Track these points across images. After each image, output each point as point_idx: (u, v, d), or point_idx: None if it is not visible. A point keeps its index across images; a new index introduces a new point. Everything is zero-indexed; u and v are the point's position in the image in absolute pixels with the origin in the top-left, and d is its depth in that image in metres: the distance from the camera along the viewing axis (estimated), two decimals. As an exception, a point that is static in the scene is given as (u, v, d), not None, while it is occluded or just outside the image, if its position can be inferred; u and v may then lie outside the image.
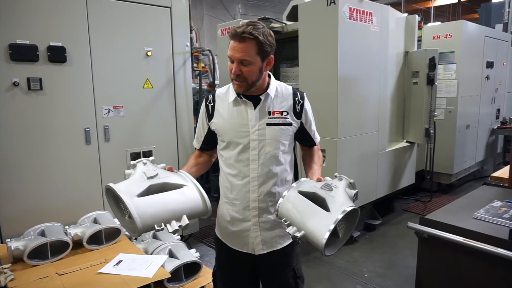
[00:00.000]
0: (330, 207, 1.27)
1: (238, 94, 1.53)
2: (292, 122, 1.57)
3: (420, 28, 4.71)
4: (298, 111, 1.59)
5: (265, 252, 1.61)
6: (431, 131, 4.23)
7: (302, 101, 1.60)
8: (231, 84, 1.58)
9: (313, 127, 1.69)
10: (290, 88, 1.63)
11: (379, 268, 3.30)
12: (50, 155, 2.65)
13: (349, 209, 1.24)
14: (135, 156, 3.05)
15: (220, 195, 1.68)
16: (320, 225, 1.22)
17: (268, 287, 1.74)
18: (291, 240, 1.66)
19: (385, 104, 4.01)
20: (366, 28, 3.55)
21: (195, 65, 3.69)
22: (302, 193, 1.35)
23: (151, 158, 1.41)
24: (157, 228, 1.22)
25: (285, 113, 1.55)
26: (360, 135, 3.68)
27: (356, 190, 1.37)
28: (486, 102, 5.63)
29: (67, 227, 2.43)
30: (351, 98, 3.51)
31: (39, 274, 2.03)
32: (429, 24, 5.49)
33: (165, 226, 1.24)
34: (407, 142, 4.45)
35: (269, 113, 1.53)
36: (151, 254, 2.30)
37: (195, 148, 1.74)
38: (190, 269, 2.22)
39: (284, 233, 1.62)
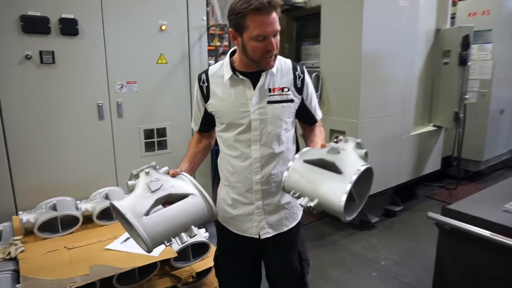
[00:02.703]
0: (342, 169, 1.17)
1: (234, 71, 1.42)
2: (294, 98, 1.47)
3: (454, 4, 4.38)
4: (299, 86, 1.48)
5: (271, 235, 1.53)
6: (461, 115, 3.97)
7: (302, 75, 1.49)
8: (223, 61, 1.48)
9: (314, 102, 1.57)
10: (289, 61, 1.51)
11: (397, 256, 3.18)
12: (63, 129, 2.63)
13: (363, 167, 1.15)
14: (149, 133, 3.01)
15: (220, 177, 1.60)
16: (334, 189, 1.13)
17: (273, 271, 1.67)
18: (296, 222, 1.59)
19: (411, 85, 3.79)
20: (394, 3, 3.32)
21: (211, 45, 3.53)
22: (308, 161, 1.26)
23: (153, 163, 1.35)
24: (166, 244, 1.23)
25: (286, 89, 1.45)
26: (383, 117, 3.50)
27: (365, 149, 1.27)
28: (524, 86, 5.23)
29: (78, 201, 2.43)
30: (375, 77, 3.32)
31: (49, 247, 2.04)
32: (465, 0, 5.10)
33: (175, 239, 1.25)
34: (433, 126, 4.21)
35: (269, 90, 1.43)
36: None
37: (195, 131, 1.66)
38: (199, 249, 2.19)
39: (290, 214, 1.56)
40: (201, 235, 2.24)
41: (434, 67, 4.05)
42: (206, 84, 1.49)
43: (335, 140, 1.33)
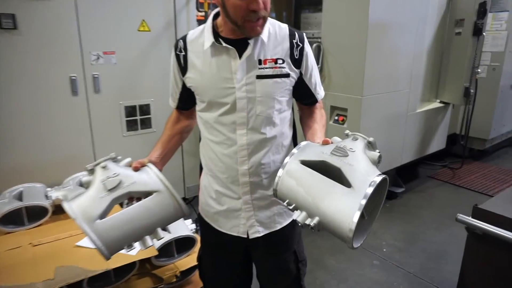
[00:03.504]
0: (351, 179, 0.92)
1: (216, 38, 1.14)
2: (290, 72, 1.20)
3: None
4: (296, 57, 1.20)
5: (261, 235, 1.30)
6: (472, 91, 3.69)
7: (301, 44, 1.21)
8: (205, 25, 1.20)
9: (314, 78, 1.29)
10: (285, 27, 1.22)
11: (400, 242, 2.99)
12: (31, 107, 2.32)
13: (378, 179, 0.91)
14: (131, 110, 2.71)
15: (202, 166, 1.35)
16: (341, 206, 0.90)
17: (264, 273, 1.45)
18: (292, 218, 1.35)
19: (420, 58, 3.48)
20: (406, -36, 2.97)
21: (200, 10, 3.14)
22: (306, 163, 1.00)
23: (112, 154, 1.15)
24: (127, 250, 1.06)
25: (280, 61, 1.17)
26: (389, 93, 3.22)
27: (378, 151, 1.02)
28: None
29: (49, 189, 2.17)
30: (382, 50, 3.01)
31: (11, 243, 1.79)
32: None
33: (139, 243, 1.08)
34: (440, 102, 3.94)
35: (259, 61, 1.15)
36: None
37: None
38: (185, 243, 1.95)
39: (284, 210, 1.31)
40: (187, 227, 2.00)
41: (444, 38, 3.72)
42: (183, 53, 1.22)
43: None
